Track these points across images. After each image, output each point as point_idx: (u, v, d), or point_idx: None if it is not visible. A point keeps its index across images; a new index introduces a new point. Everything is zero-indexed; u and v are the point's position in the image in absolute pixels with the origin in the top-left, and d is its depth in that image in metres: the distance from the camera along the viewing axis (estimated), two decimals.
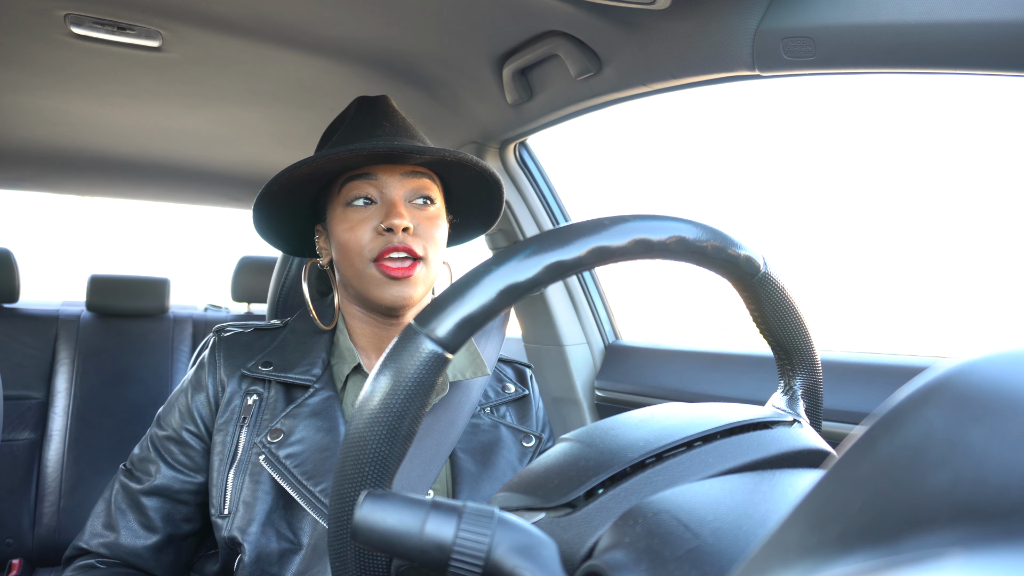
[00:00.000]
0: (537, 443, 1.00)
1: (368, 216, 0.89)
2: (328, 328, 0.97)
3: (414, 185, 0.92)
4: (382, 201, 0.90)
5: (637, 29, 1.01)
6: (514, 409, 1.04)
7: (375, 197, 0.90)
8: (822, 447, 0.46)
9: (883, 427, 0.21)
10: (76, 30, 1.13)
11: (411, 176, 0.92)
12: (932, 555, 0.16)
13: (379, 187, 0.91)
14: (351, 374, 0.94)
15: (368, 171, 0.90)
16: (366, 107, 0.98)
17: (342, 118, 1.00)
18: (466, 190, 1.03)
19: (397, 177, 0.91)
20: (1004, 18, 0.69)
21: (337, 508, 0.42)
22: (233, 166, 2.06)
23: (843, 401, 1.07)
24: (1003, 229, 5.15)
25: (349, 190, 0.90)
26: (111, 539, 0.88)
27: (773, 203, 7.72)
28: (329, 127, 1.01)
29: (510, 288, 0.41)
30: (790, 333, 0.53)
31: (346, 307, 0.98)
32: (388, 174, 0.91)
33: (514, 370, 1.10)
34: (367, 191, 0.90)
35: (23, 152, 1.87)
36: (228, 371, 0.92)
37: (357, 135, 0.93)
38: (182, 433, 0.91)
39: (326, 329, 0.97)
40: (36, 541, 1.95)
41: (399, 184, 0.91)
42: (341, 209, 0.91)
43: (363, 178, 0.90)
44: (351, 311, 0.97)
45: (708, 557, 0.33)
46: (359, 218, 0.89)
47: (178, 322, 2.35)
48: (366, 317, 0.96)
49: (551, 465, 0.45)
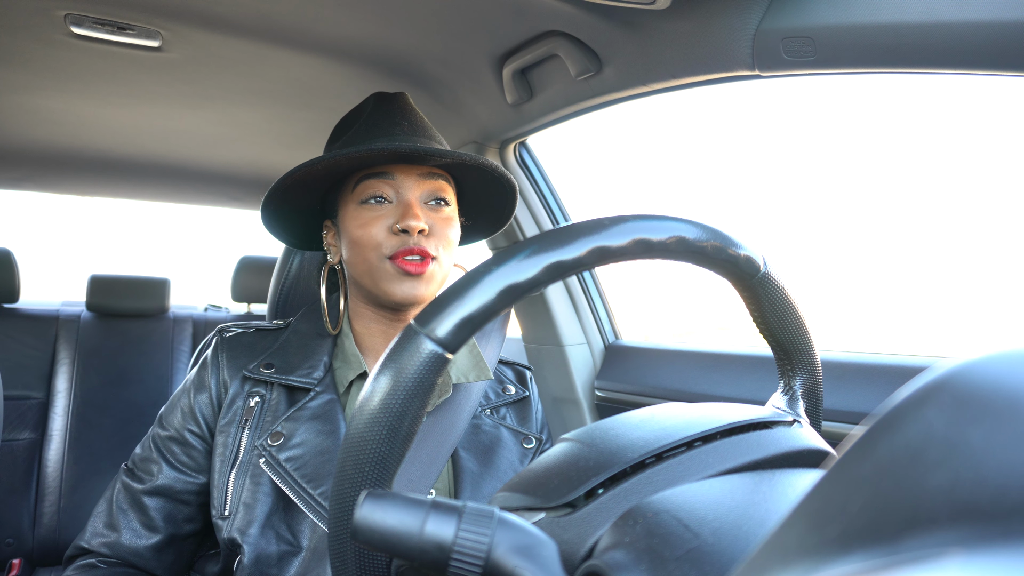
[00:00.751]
0: (537, 445, 1.00)
1: (383, 214, 0.89)
2: (334, 333, 0.96)
3: (430, 186, 0.92)
4: (398, 201, 0.90)
5: (637, 29, 1.01)
6: (514, 411, 1.04)
7: (390, 197, 0.90)
8: (822, 447, 0.46)
9: (883, 427, 0.21)
10: (76, 30, 1.13)
11: (428, 177, 0.91)
12: (932, 555, 0.16)
13: (395, 187, 0.90)
14: (355, 380, 0.93)
15: (385, 170, 0.89)
16: (384, 104, 0.97)
17: (357, 113, 0.98)
18: (478, 192, 1.03)
19: (414, 178, 0.90)
20: (1004, 18, 0.69)
21: (337, 508, 0.42)
22: (233, 166, 2.06)
23: (843, 401, 1.07)
24: (1003, 229, 5.16)
25: (364, 188, 0.89)
26: (112, 539, 0.88)
27: (773, 203, 7.74)
28: (342, 121, 1.00)
29: (510, 288, 0.41)
30: (790, 333, 0.53)
31: (354, 307, 0.97)
32: (405, 175, 0.90)
33: (514, 371, 1.10)
34: (383, 190, 0.89)
35: (23, 152, 1.87)
36: (231, 372, 0.92)
37: (375, 132, 0.92)
38: (184, 433, 0.91)
39: (332, 334, 0.96)
40: (36, 541, 1.95)
41: (416, 185, 0.90)
42: (355, 206, 0.90)
43: (380, 177, 0.89)
44: (359, 311, 0.97)
45: (708, 557, 0.33)
46: (373, 216, 0.88)
47: (178, 322, 2.35)
48: (375, 315, 0.96)
49: (551, 465, 0.45)
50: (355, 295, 0.97)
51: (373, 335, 0.97)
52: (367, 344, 0.97)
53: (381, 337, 0.96)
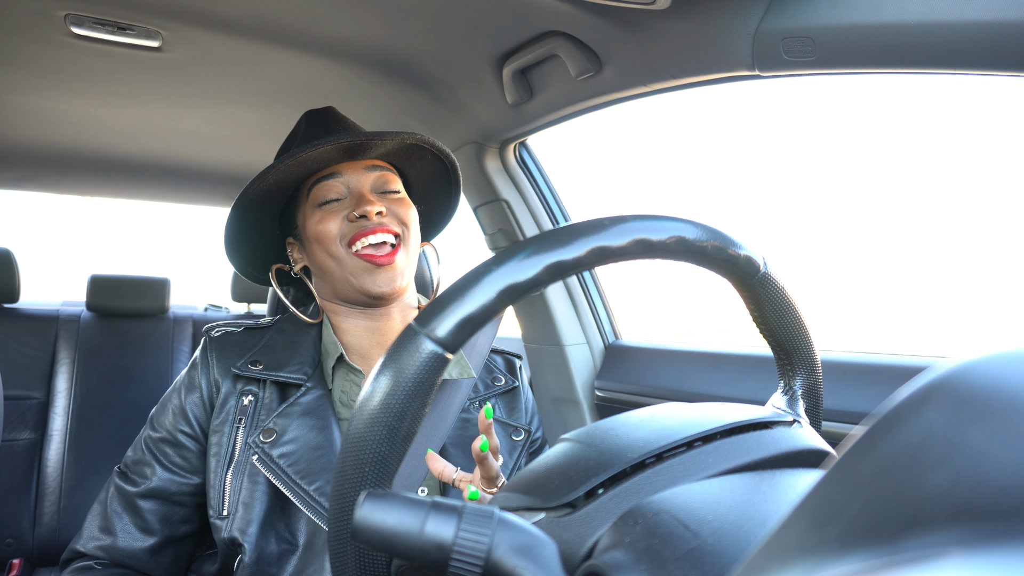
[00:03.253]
0: (526, 437, 1.00)
1: (339, 209, 0.94)
2: (315, 322, 0.99)
3: (377, 177, 0.98)
4: (350, 195, 0.95)
5: (637, 29, 1.01)
6: (503, 402, 1.04)
7: (343, 195, 0.95)
8: (822, 447, 0.46)
9: (883, 427, 0.21)
10: (76, 30, 1.13)
11: (373, 169, 0.98)
12: (932, 555, 0.16)
13: (346, 183, 0.96)
14: (336, 365, 0.95)
15: (333, 171, 0.96)
16: (316, 118, 1.02)
17: (293, 134, 1.04)
18: (425, 179, 1.09)
19: (360, 171, 0.97)
20: (1004, 18, 0.69)
21: (337, 508, 0.42)
22: (233, 166, 2.06)
23: (843, 401, 1.07)
24: (1003, 229, 5.15)
25: (318, 191, 0.95)
26: (108, 542, 0.88)
27: (773, 203, 7.72)
28: (282, 146, 1.05)
29: (510, 288, 0.41)
30: (790, 333, 0.53)
31: (327, 307, 1.00)
32: (351, 170, 0.96)
33: (504, 360, 1.11)
34: (336, 188, 0.95)
35: (23, 152, 1.87)
36: (221, 371, 0.93)
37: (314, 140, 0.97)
38: (176, 435, 0.91)
39: (312, 323, 0.99)
40: (36, 541, 1.94)
41: (363, 176, 0.96)
42: (312, 209, 0.95)
43: (329, 178, 0.96)
44: (333, 308, 0.99)
45: (708, 557, 0.33)
46: (329, 212, 0.94)
47: (178, 322, 2.35)
48: (348, 311, 0.98)
49: (551, 465, 0.45)
50: (326, 295, 1.00)
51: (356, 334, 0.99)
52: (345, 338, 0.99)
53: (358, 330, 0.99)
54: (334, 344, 0.95)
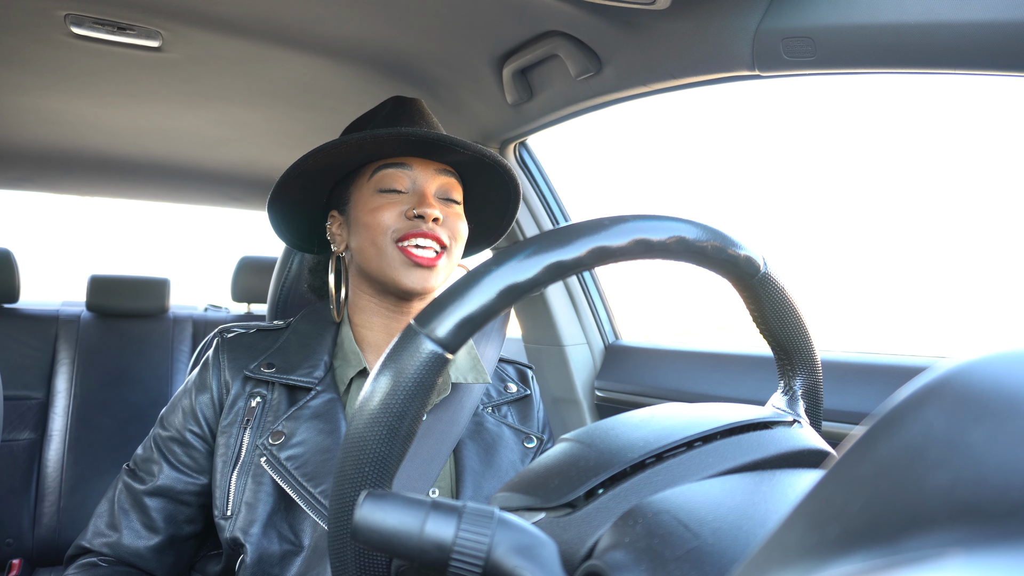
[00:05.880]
0: (538, 444, 1.00)
1: (397, 202, 0.92)
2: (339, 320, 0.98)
3: (445, 182, 0.96)
4: (414, 191, 0.93)
5: (637, 29, 1.01)
6: (515, 409, 1.04)
7: (406, 188, 0.93)
8: (822, 447, 0.46)
9: (883, 427, 0.21)
10: (76, 30, 1.13)
11: (443, 173, 0.96)
12: (932, 555, 0.16)
13: (412, 177, 0.94)
14: (355, 377, 0.94)
15: (404, 161, 0.94)
16: (404, 104, 1.00)
17: (373, 113, 1.02)
18: (478, 199, 1.07)
19: (431, 171, 0.95)
20: (1004, 18, 0.69)
21: (337, 508, 0.42)
22: (233, 166, 2.06)
23: (843, 401, 1.07)
24: (1003, 229, 5.15)
25: (382, 177, 0.93)
26: (113, 539, 0.89)
27: (773, 203, 7.72)
28: (357, 121, 1.03)
29: (510, 288, 0.41)
30: (790, 333, 0.53)
31: (357, 299, 0.98)
32: (423, 167, 0.94)
33: (516, 370, 1.10)
34: (400, 180, 0.93)
35: (23, 152, 1.86)
36: (232, 372, 0.93)
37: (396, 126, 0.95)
38: (185, 434, 0.91)
39: (337, 321, 0.98)
40: (36, 541, 1.94)
41: (432, 177, 0.95)
42: (370, 194, 0.93)
43: (398, 167, 0.93)
44: (362, 303, 0.98)
45: (708, 557, 0.33)
46: (387, 202, 0.92)
47: (178, 322, 2.35)
48: (378, 308, 0.96)
49: (551, 465, 0.45)
50: (358, 287, 0.98)
51: (374, 329, 0.97)
52: (367, 339, 0.97)
53: (382, 331, 0.97)
54: (356, 355, 0.94)
